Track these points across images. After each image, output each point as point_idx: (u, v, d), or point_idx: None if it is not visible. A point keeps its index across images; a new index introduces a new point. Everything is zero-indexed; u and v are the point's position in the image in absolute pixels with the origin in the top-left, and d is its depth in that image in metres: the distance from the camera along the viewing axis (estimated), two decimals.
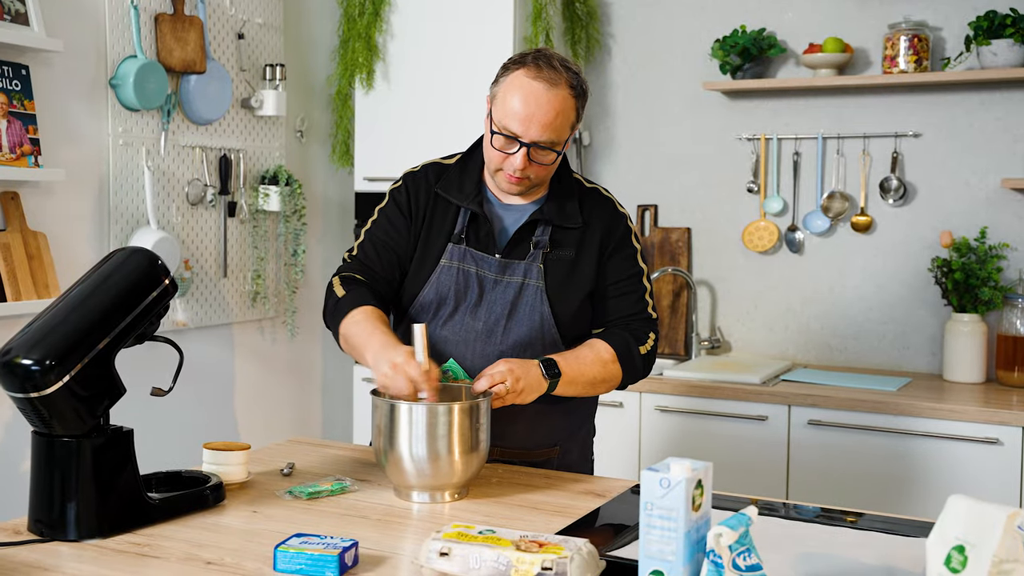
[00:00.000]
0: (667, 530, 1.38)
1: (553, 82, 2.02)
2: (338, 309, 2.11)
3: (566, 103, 2.04)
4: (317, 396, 4.15)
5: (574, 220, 2.16)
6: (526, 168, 2.06)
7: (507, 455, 2.17)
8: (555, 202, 2.17)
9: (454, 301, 2.13)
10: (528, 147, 2.03)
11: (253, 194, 3.67)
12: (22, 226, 2.90)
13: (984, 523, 1.31)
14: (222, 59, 3.53)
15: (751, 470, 3.20)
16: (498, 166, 2.09)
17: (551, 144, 2.05)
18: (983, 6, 3.43)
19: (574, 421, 2.26)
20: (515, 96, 2.03)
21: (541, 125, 2.02)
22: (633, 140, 3.99)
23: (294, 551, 1.51)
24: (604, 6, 4.00)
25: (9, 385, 1.63)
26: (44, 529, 1.68)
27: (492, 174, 2.14)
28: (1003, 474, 2.93)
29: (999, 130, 3.45)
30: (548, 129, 2.02)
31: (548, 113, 2.02)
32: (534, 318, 2.12)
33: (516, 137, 2.03)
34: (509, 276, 2.13)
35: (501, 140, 2.05)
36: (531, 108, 2.01)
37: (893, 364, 3.61)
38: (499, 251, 2.15)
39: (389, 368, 1.89)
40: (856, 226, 3.63)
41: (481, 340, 2.12)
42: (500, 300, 2.12)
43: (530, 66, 2.04)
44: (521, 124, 2.02)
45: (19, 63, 2.88)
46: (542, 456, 2.21)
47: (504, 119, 2.04)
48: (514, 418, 2.11)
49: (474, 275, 2.13)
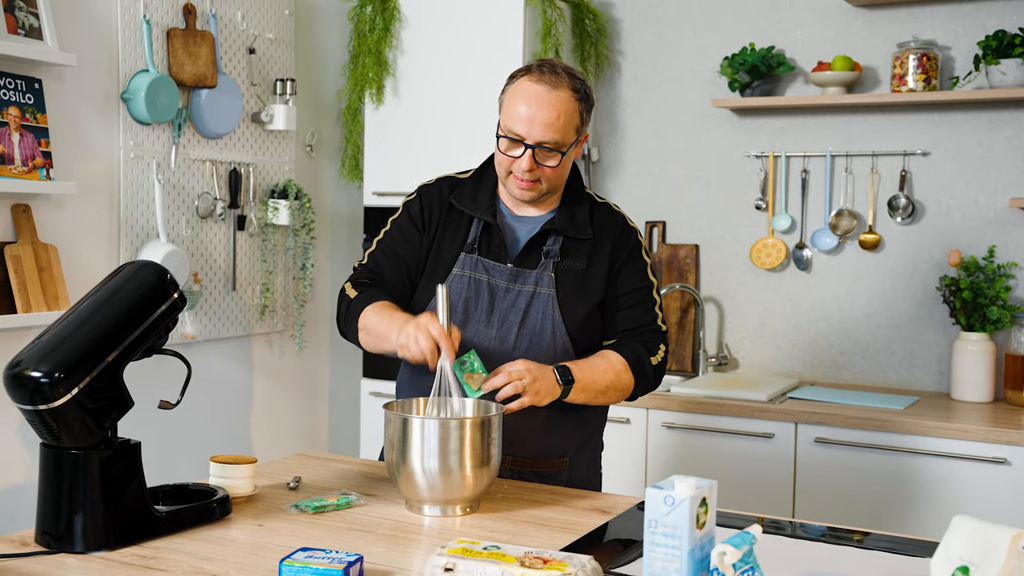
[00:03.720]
0: (671, 548, 1.39)
1: (555, 84, 2.09)
2: (352, 308, 2.17)
3: (568, 104, 2.10)
4: (324, 410, 4.16)
5: (584, 231, 2.20)
6: (533, 170, 2.11)
7: (517, 464, 2.19)
8: (566, 213, 2.22)
9: (465, 308, 2.17)
10: (533, 149, 2.09)
11: (262, 208, 3.68)
12: (33, 238, 2.92)
13: (988, 544, 1.31)
14: (233, 73, 3.55)
15: (758, 488, 3.20)
16: (508, 170, 2.14)
17: (556, 145, 2.10)
18: (992, 25, 3.43)
19: (584, 434, 2.27)
20: (519, 100, 2.10)
21: (544, 125, 2.08)
22: (642, 156, 4.00)
23: (299, 565, 1.51)
24: (613, 23, 4.02)
25: (18, 397, 1.64)
26: (51, 541, 1.68)
27: (504, 182, 2.18)
28: (1010, 494, 2.92)
29: (1008, 149, 3.45)
30: (551, 129, 2.08)
31: (550, 113, 2.08)
32: (546, 326, 2.15)
33: (521, 139, 2.10)
34: (520, 284, 2.17)
35: (507, 143, 2.12)
36: (533, 110, 2.08)
37: (901, 382, 3.60)
38: (511, 260, 2.19)
39: (412, 327, 1.95)
40: (864, 244, 3.63)
41: (494, 346, 2.15)
42: (512, 308, 2.16)
43: (534, 72, 2.12)
44: (524, 125, 2.09)
45: (32, 77, 2.91)
46: (552, 467, 2.22)
47: (509, 122, 2.11)
48: (525, 427, 2.13)
49: (485, 283, 2.17)
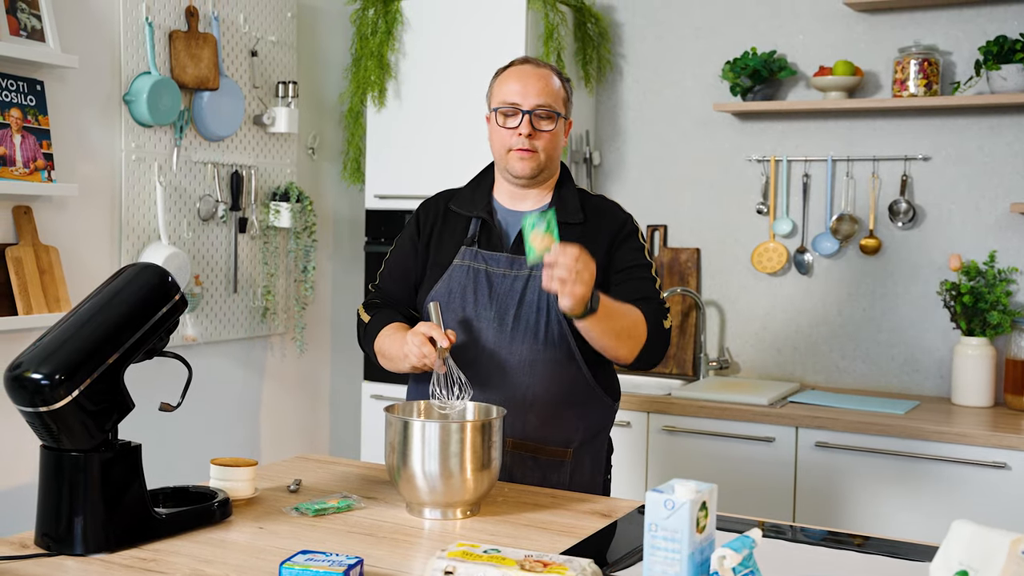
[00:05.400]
0: (671, 552, 1.39)
1: (538, 65, 2.29)
2: (367, 333, 2.32)
3: (552, 78, 2.27)
4: (325, 412, 4.16)
5: (576, 216, 2.29)
6: (532, 137, 2.23)
7: (519, 447, 2.23)
8: (558, 200, 2.31)
9: (462, 294, 2.25)
10: (530, 113, 2.22)
11: (264, 210, 3.69)
12: (34, 240, 2.92)
13: (988, 548, 1.31)
14: (235, 76, 3.55)
15: (758, 491, 3.20)
16: (507, 146, 2.25)
17: (550, 108, 2.23)
18: (993, 31, 3.44)
19: (587, 426, 2.30)
20: (509, 80, 2.27)
21: (537, 91, 2.23)
22: (643, 160, 4.00)
23: (300, 568, 1.51)
24: (615, 27, 4.02)
25: (19, 399, 1.65)
26: (51, 543, 1.68)
27: (504, 162, 2.28)
28: (1010, 499, 2.92)
29: (1009, 155, 3.45)
30: (544, 94, 2.23)
31: (539, 81, 2.24)
32: (541, 306, 2.22)
33: (517, 106, 2.23)
34: (516, 270, 2.25)
35: (503, 116, 2.25)
36: (524, 81, 2.25)
37: (901, 387, 3.60)
38: (507, 249, 2.28)
39: (409, 335, 2.09)
40: (865, 249, 3.63)
41: (493, 327, 2.22)
42: (509, 291, 2.24)
43: (516, 62, 2.31)
44: (519, 95, 2.23)
45: (34, 78, 2.91)
46: (553, 455, 2.25)
47: (504, 97, 2.25)
48: (528, 409, 2.20)
49: (483, 272, 2.26)
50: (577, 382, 2.26)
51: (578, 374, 2.26)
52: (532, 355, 2.22)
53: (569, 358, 2.24)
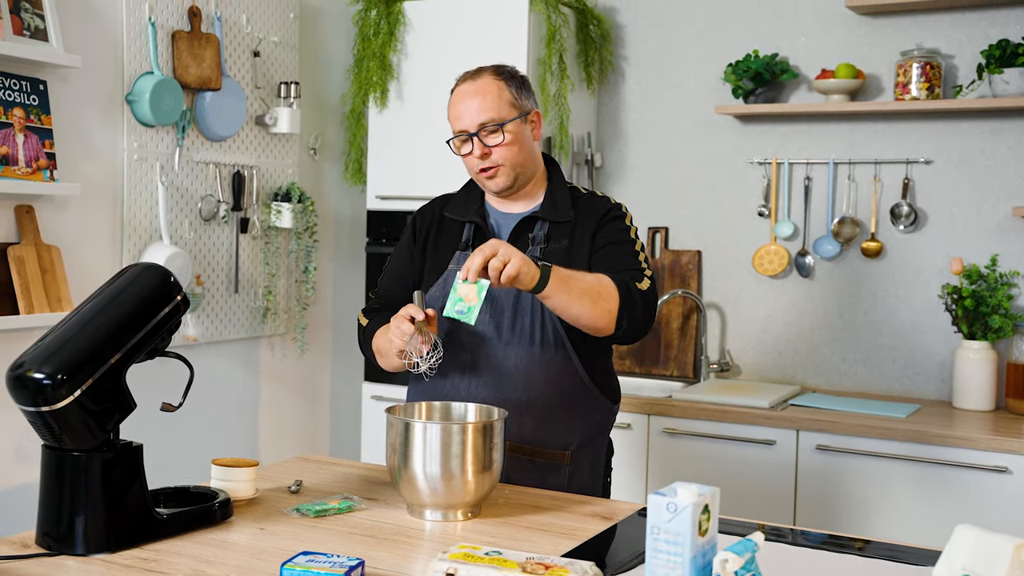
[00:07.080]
0: (673, 555, 1.39)
1: (474, 77, 2.27)
2: (366, 336, 2.35)
3: (492, 85, 2.24)
4: (326, 413, 4.16)
5: (566, 214, 2.30)
6: (486, 154, 2.23)
7: (516, 450, 2.23)
8: (548, 202, 2.32)
9: None
10: (476, 135, 2.23)
11: (265, 211, 3.69)
12: (36, 239, 2.92)
13: (991, 554, 1.30)
14: (237, 76, 3.55)
15: (759, 494, 3.20)
16: (472, 169, 2.29)
17: (493, 121, 2.22)
18: (995, 35, 3.43)
19: (585, 428, 2.29)
20: (453, 106, 2.28)
21: (476, 109, 2.23)
22: (645, 162, 4.00)
23: (300, 569, 1.51)
24: (618, 29, 4.02)
25: (21, 399, 1.65)
26: (52, 543, 1.68)
27: (480, 183, 2.33)
28: (1012, 503, 2.92)
29: (1011, 158, 3.45)
30: (481, 110, 2.22)
31: (475, 98, 2.23)
32: (536, 309, 2.23)
33: (464, 131, 2.25)
34: None
35: (457, 144, 2.28)
36: (462, 104, 2.25)
37: (902, 390, 3.60)
38: None
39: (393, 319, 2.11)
40: (866, 252, 3.63)
41: (489, 331, 2.24)
42: (504, 292, 2.24)
43: (458, 82, 2.30)
44: (460, 120, 2.25)
45: (37, 78, 2.91)
46: (552, 458, 2.25)
47: (453, 125, 2.28)
48: (524, 412, 2.21)
49: None
50: (574, 384, 2.26)
51: (575, 376, 2.26)
52: (528, 358, 2.22)
53: (566, 360, 2.24)
